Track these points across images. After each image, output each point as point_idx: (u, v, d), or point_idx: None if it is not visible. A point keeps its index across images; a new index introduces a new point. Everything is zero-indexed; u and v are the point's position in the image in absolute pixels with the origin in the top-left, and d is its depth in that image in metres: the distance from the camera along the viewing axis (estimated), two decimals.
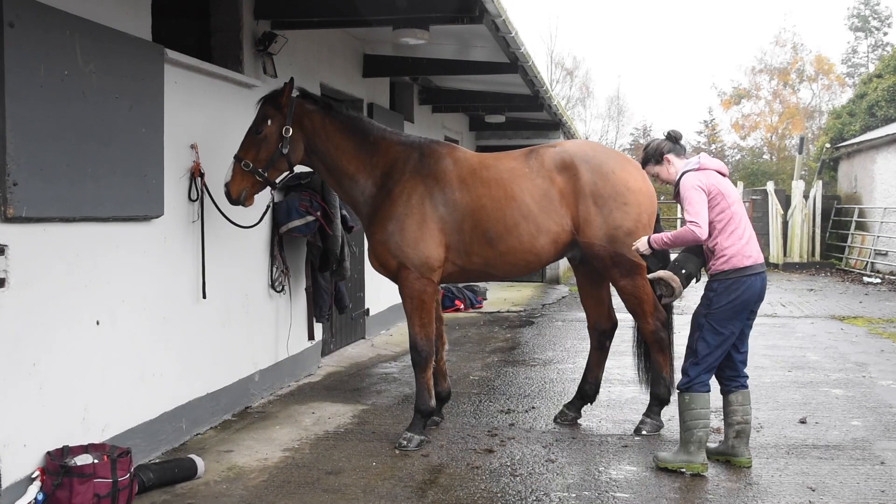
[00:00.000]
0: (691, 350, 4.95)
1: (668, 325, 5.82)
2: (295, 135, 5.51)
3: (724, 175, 5.02)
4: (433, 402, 5.68)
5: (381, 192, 5.56)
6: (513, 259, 5.57)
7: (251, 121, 6.53)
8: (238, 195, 5.41)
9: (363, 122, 5.75)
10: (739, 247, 4.82)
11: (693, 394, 4.88)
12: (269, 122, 5.46)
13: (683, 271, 4.87)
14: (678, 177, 5.02)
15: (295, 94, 5.57)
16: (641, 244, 5.06)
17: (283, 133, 5.46)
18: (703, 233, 4.76)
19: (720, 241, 4.84)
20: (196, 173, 5.59)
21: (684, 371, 4.94)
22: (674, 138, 5.23)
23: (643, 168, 5.39)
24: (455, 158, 5.65)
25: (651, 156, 5.21)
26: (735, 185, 27.09)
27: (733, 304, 4.82)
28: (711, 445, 5.18)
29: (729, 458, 5.10)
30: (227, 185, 5.42)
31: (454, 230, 5.51)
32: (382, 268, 5.67)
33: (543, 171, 5.58)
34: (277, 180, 5.78)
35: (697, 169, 4.95)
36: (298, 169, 6.03)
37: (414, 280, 5.49)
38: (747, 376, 5.18)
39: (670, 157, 5.15)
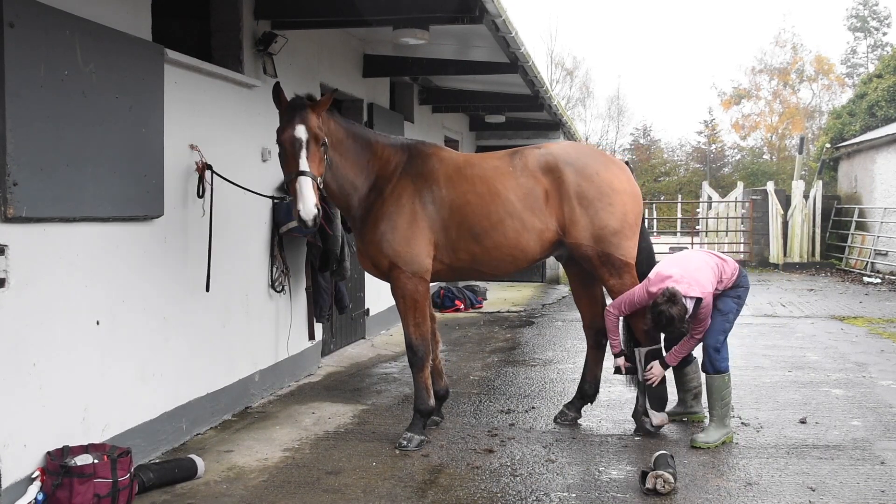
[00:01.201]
0: (723, 332, 5.55)
1: None
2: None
3: (681, 260, 5.63)
4: (432, 402, 5.68)
5: (372, 194, 5.57)
6: (499, 255, 5.59)
7: (251, 120, 6.55)
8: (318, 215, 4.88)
9: (358, 126, 5.77)
10: (734, 266, 5.70)
11: (729, 371, 5.57)
12: (323, 131, 5.07)
13: (671, 469, 4.79)
14: (695, 307, 5.40)
15: (302, 96, 5.25)
16: (657, 371, 5.66)
17: (324, 140, 5.12)
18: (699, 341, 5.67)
19: (727, 272, 5.59)
20: (201, 170, 5.57)
21: (718, 350, 5.52)
22: (676, 293, 5.26)
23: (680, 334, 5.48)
24: (441, 157, 5.70)
25: (688, 321, 5.31)
26: (735, 185, 27.19)
27: (747, 292, 5.75)
28: (668, 408, 5.95)
29: (688, 416, 6.09)
30: (316, 206, 4.81)
31: (441, 227, 5.54)
32: (374, 268, 5.66)
33: (528, 171, 5.63)
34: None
35: (704, 293, 5.38)
36: None
37: (406, 280, 5.50)
38: None
39: (687, 305, 5.30)
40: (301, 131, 4.95)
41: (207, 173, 5.61)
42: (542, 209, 5.57)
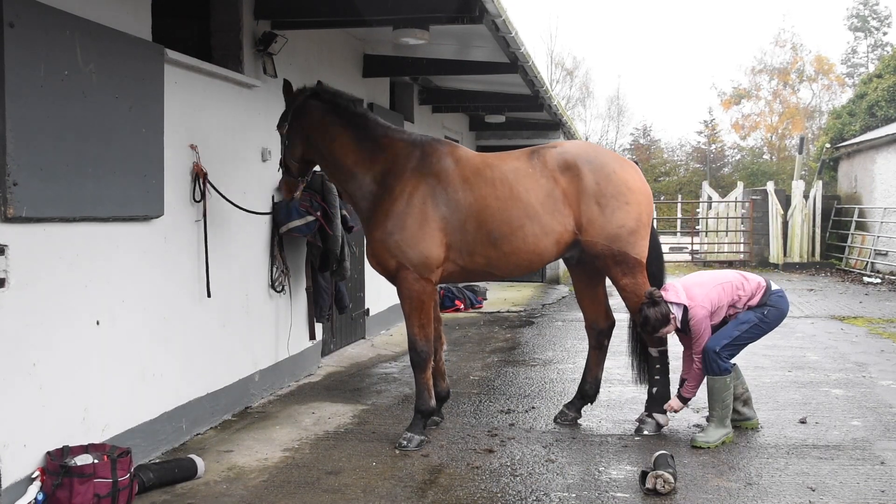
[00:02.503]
0: (729, 337, 5.55)
1: None
2: (293, 132, 5.68)
3: (686, 285, 5.68)
4: (433, 402, 5.67)
5: (380, 189, 5.55)
6: (516, 259, 5.56)
7: (251, 120, 6.59)
8: (280, 189, 6.19)
9: (367, 118, 5.72)
10: (757, 285, 5.68)
11: (731, 374, 5.61)
12: (281, 121, 5.74)
13: (671, 469, 4.78)
14: (683, 318, 5.57)
15: (308, 92, 5.72)
16: (676, 404, 5.76)
17: (282, 131, 5.73)
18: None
19: (752, 296, 5.63)
20: (200, 174, 5.60)
21: (717, 352, 5.53)
22: (659, 297, 5.54)
23: (655, 334, 5.64)
24: (457, 157, 5.64)
25: (662, 323, 5.52)
26: (735, 185, 27.16)
27: (779, 315, 5.70)
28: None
29: (741, 423, 5.92)
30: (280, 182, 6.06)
31: (456, 230, 5.48)
32: (380, 267, 5.64)
33: (547, 171, 5.57)
34: (301, 176, 5.85)
35: (689, 307, 5.53)
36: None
37: (413, 281, 5.47)
38: None
39: (671, 314, 5.54)
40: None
41: (201, 180, 5.65)
42: (560, 210, 5.52)
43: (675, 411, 5.80)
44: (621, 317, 6.21)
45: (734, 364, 5.82)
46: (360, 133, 5.61)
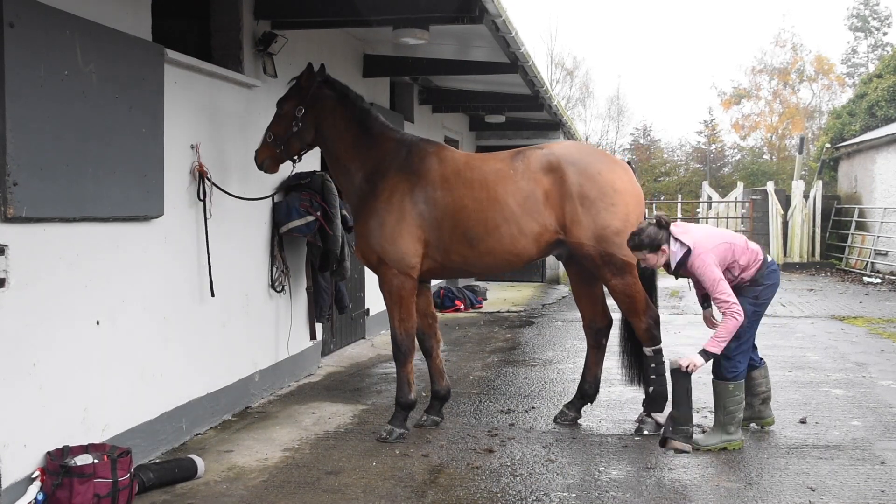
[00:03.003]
0: (735, 338, 5.28)
1: (659, 323, 5.84)
2: (307, 116, 5.78)
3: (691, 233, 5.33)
4: (413, 396, 5.74)
5: (368, 187, 5.71)
6: (492, 260, 5.65)
7: (251, 120, 6.58)
8: (261, 163, 5.86)
9: (370, 116, 5.88)
10: (755, 255, 5.44)
11: (738, 382, 5.41)
12: (290, 100, 5.81)
13: (685, 427, 4.73)
14: (681, 259, 5.26)
15: (320, 78, 5.85)
16: (698, 360, 5.22)
17: (296, 113, 5.76)
18: (741, 314, 5.17)
19: (748, 266, 5.38)
20: (204, 174, 5.64)
21: (728, 358, 5.34)
22: (667, 224, 5.30)
23: (638, 252, 5.34)
24: (441, 157, 5.72)
25: (647, 245, 5.25)
26: (735, 185, 27.14)
27: (772, 290, 5.49)
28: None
29: (756, 421, 5.86)
30: (255, 151, 5.92)
31: (433, 228, 5.59)
32: (365, 260, 5.84)
33: (529, 172, 5.61)
34: (297, 156, 5.95)
35: (693, 250, 5.21)
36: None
37: (392, 276, 5.60)
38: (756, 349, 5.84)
39: (666, 247, 5.28)
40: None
41: (206, 181, 5.68)
42: (540, 211, 5.56)
43: (695, 367, 5.21)
44: (620, 316, 6.20)
45: (762, 360, 5.84)
46: (361, 129, 5.79)
